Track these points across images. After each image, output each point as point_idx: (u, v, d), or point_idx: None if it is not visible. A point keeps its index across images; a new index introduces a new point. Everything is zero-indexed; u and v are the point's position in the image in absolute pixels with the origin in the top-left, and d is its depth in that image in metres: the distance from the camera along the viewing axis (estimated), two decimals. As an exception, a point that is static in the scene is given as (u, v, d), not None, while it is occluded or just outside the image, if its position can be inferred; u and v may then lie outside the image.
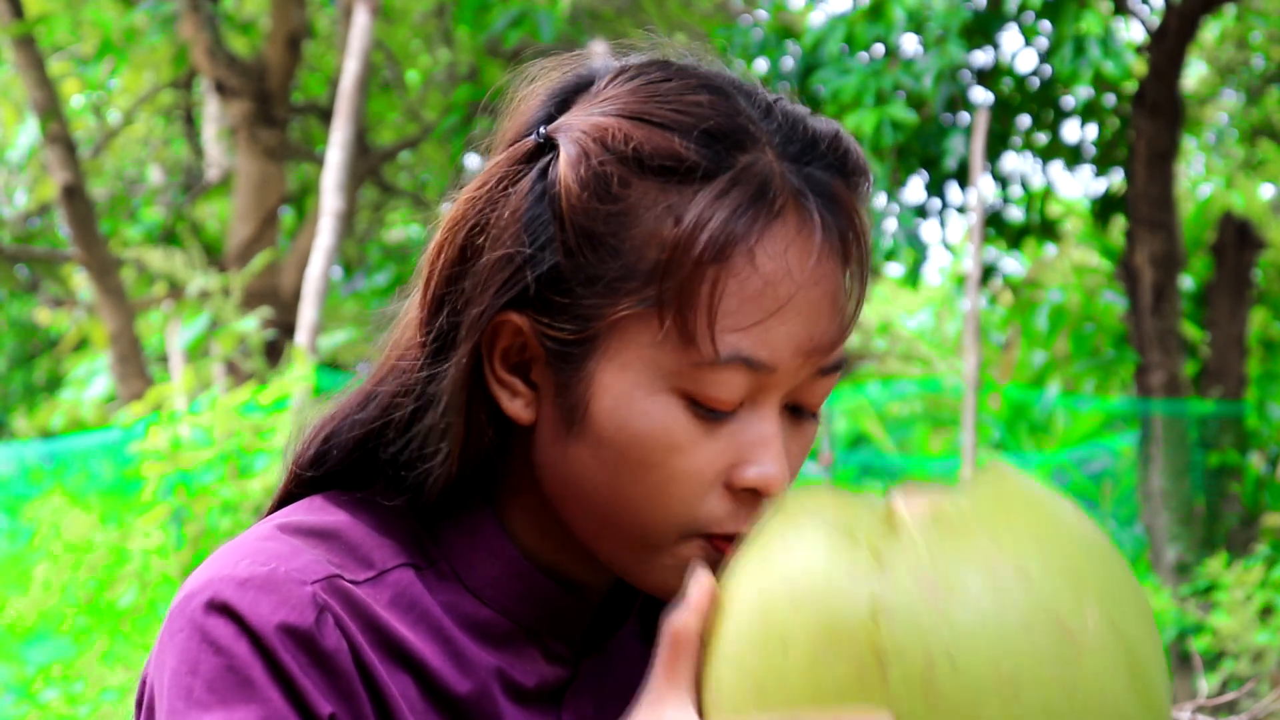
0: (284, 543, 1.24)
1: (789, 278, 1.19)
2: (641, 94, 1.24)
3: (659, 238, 1.19)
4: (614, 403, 1.20)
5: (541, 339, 1.22)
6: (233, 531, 5.92)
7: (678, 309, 1.18)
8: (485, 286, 1.22)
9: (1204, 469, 10.02)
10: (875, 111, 8.54)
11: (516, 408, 1.24)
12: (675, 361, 1.19)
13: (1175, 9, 9.55)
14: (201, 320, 9.91)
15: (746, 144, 1.21)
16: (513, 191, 1.23)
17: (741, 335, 1.19)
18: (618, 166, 1.20)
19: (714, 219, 1.19)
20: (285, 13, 12.01)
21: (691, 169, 1.20)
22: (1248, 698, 7.08)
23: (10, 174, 14.34)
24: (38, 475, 9.88)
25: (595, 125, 1.22)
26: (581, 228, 1.20)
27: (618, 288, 1.20)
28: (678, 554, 1.22)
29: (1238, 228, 10.45)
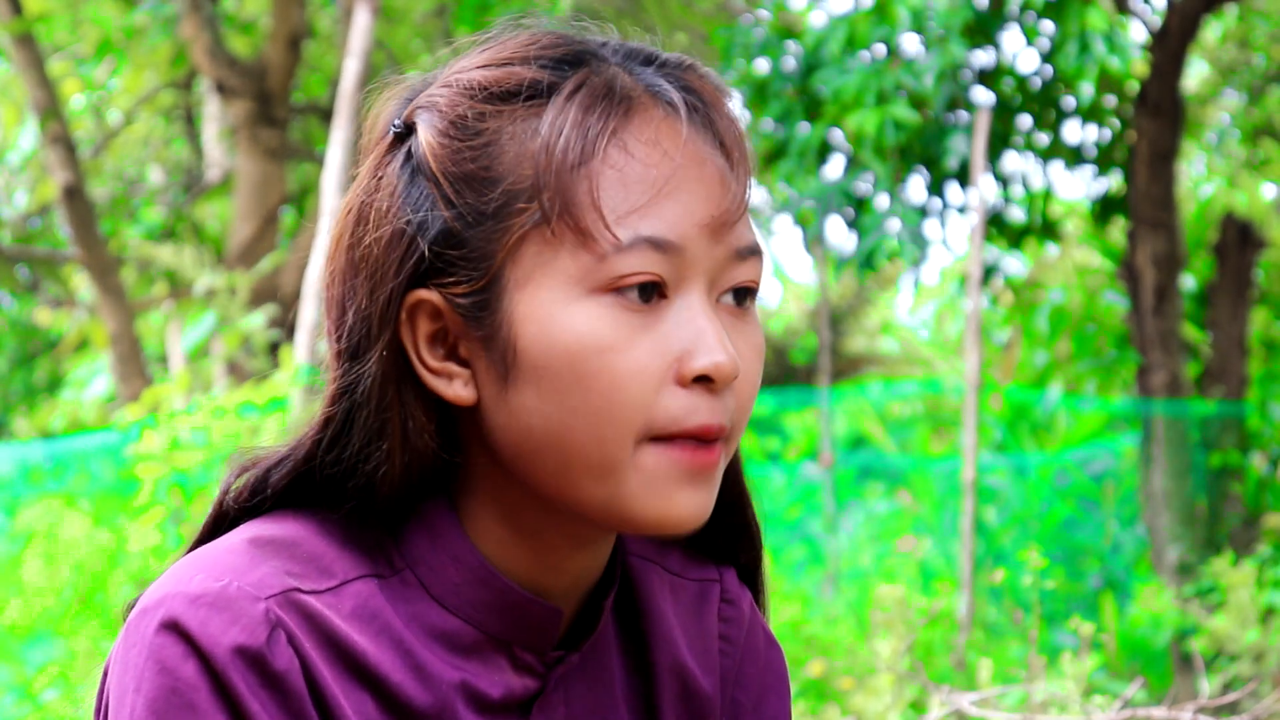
0: (242, 554, 1.22)
1: (665, 158, 1.22)
2: (484, 51, 1.29)
3: (528, 154, 1.22)
4: (538, 328, 1.20)
5: (454, 303, 1.22)
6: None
7: (564, 210, 1.20)
8: (383, 272, 1.22)
9: (1205, 470, 10.01)
10: (877, 111, 8.53)
11: (456, 390, 1.23)
12: (582, 263, 1.20)
13: (1177, 9, 9.54)
14: (208, 319, 9.90)
15: (588, 60, 1.27)
16: (383, 176, 1.25)
17: (636, 217, 1.20)
18: (470, 106, 1.24)
19: (570, 119, 1.22)
20: (286, 13, 12.00)
21: (538, 88, 1.24)
22: (1249, 698, 7.07)
23: (11, 174, 14.34)
24: (38, 476, 9.87)
25: (442, 88, 1.27)
26: (455, 174, 1.23)
27: (504, 215, 1.21)
28: (643, 467, 1.20)
29: (1239, 228, 10.44)
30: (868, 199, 8.93)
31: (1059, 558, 10.20)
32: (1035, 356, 13.19)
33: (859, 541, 11.07)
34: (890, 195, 8.83)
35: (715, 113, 1.27)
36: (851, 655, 6.26)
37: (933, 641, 7.00)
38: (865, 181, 8.93)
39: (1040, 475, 11.01)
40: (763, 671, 1.39)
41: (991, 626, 9.25)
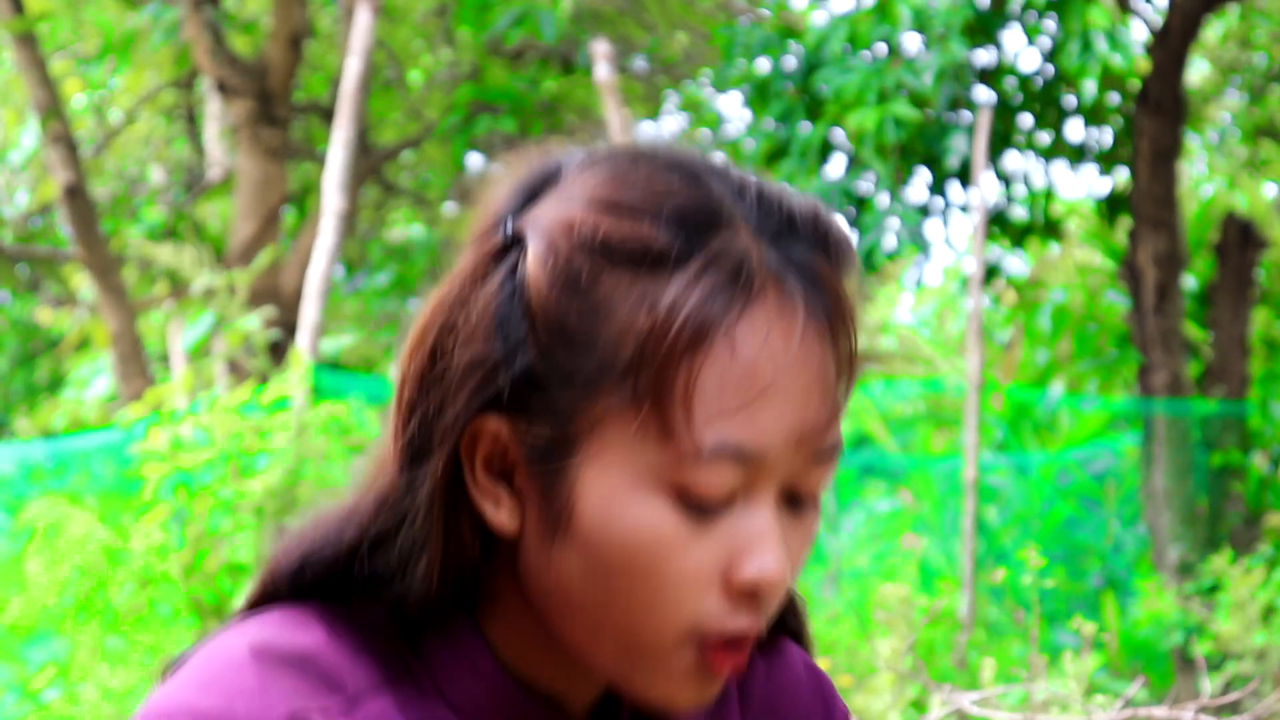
0: (251, 674, 1.17)
1: (772, 360, 1.14)
2: (608, 181, 1.18)
3: (633, 329, 1.14)
4: (599, 505, 1.14)
5: (521, 442, 1.16)
6: (233, 532, 5.90)
7: (654, 402, 1.13)
8: (458, 391, 1.17)
9: (1207, 469, 10.01)
10: (877, 109, 8.53)
11: (501, 517, 1.18)
12: (659, 458, 1.14)
13: (1178, 8, 9.53)
14: (206, 318, 9.90)
15: (720, 224, 1.16)
16: (481, 290, 1.18)
17: (726, 424, 1.13)
18: (586, 259, 1.15)
19: (687, 304, 1.13)
20: (287, 12, 12.00)
21: (662, 255, 1.15)
22: (1251, 698, 7.07)
23: (12, 173, 14.34)
24: (39, 475, 9.87)
25: (562, 217, 1.17)
26: (553, 325, 1.15)
27: (594, 385, 1.14)
28: (675, 661, 1.16)
29: (1241, 227, 10.44)
30: (869, 198, 8.93)
31: (1060, 557, 10.20)
32: (1037, 356, 13.19)
33: (860, 540, 11.07)
34: (891, 194, 8.83)
35: (834, 299, 1.18)
36: (852, 654, 6.26)
37: (934, 641, 7.00)
38: (866, 181, 8.93)
39: (1041, 474, 11.01)
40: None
41: (993, 626, 9.25)
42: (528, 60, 13.92)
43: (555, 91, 14.34)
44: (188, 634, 5.94)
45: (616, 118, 8.94)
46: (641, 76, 14.84)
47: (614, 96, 8.97)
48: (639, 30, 13.97)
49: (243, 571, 5.89)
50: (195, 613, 5.91)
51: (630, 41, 13.97)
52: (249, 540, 5.88)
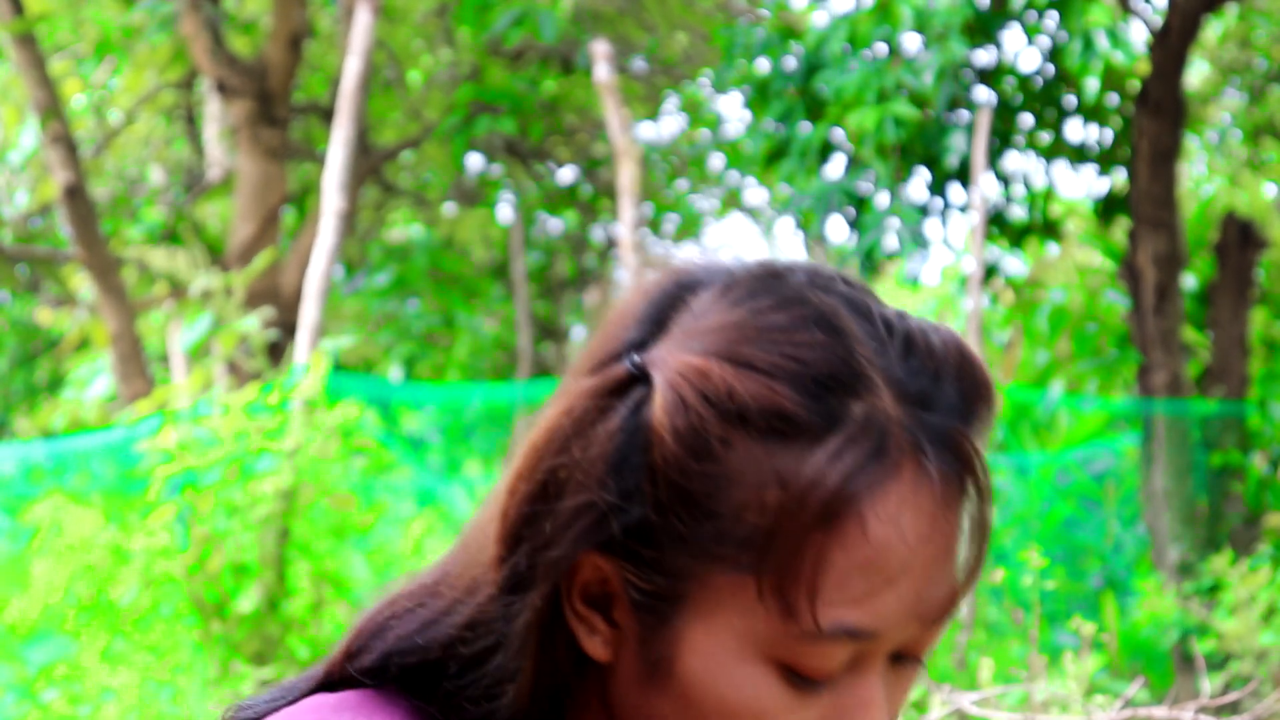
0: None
1: (902, 543, 1.09)
2: (747, 329, 1.10)
3: (760, 502, 1.08)
4: (702, 665, 1.11)
5: (626, 585, 1.12)
6: (237, 532, 5.90)
7: (777, 580, 1.08)
8: (566, 530, 1.11)
9: (1206, 469, 10.02)
10: (877, 109, 8.53)
11: (595, 645, 1.14)
12: (772, 631, 1.09)
13: (1178, 8, 9.54)
14: (204, 320, 9.91)
15: (861, 390, 1.09)
16: (600, 427, 1.11)
17: (847, 608, 1.09)
18: (719, 424, 1.08)
19: (824, 482, 1.07)
20: (287, 12, 12.01)
21: (801, 426, 1.08)
22: (1250, 698, 7.07)
23: (12, 174, 14.34)
24: (39, 475, 9.87)
25: (696, 369, 1.09)
26: (675, 485, 1.09)
27: (711, 551, 1.09)
28: None
29: (1240, 227, 10.45)
30: (868, 198, 8.93)
31: (1060, 557, 10.20)
32: (1036, 356, 13.19)
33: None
34: (891, 194, 8.84)
35: (969, 471, 1.11)
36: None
37: (934, 641, 7.00)
38: (866, 181, 8.93)
39: (1041, 474, 11.01)
40: None
41: (992, 626, 9.26)
42: (527, 61, 13.92)
43: (555, 92, 14.34)
44: (189, 634, 5.94)
45: (616, 118, 8.95)
46: (641, 77, 14.85)
47: (613, 97, 8.97)
48: (639, 31, 13.98)
49: (246, 572, 5.89)
50: (198, 613, 5.92)
51: (630, 42, 13.98)
52: (252, 541, 5.88)
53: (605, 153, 14.83)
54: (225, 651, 5.89)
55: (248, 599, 5.82)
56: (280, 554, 5.92)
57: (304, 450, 5.90)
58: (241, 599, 5.82)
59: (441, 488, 11.29)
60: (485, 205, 16.05)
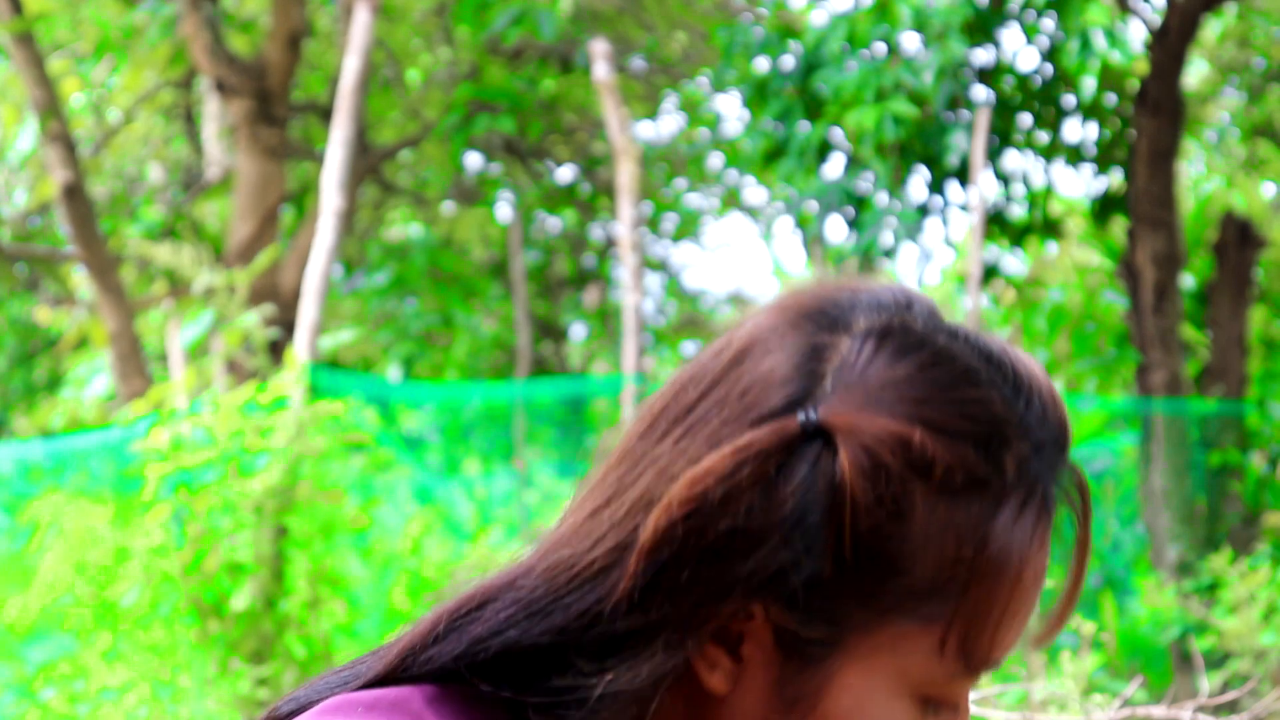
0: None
1: (1036, 583, 1.17)
2: (920, 385, 1.14)
3: (947, 556, 1.12)
4: (853, 704, 1.15)
5: (779, 633, 1.14)
6: (234, 530, 5.90)
7: (965, 628, 1.13)
8: (730, 577, 1.12)
9: (1205, 468, 10.01)
10: (876, 107, 8.53)
11: (715, 680, 1.16)
12: (936, 671, 1.14)
13: (1177, 7, 9.54)
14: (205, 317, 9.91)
15: (1014, 444, 1.14)
16: (777, 479, 1.12)
17: (1002, 648, 1.16)
18: (916, 485, 1.12)
19: (1006, 536, 1.13)
20: (286, 11, 12.00)
21: (985, 486, 1.13)
22: (1249, 696, 7.07)
23: (10, 173, 14.34)
24: (38, 474, 9.87)
25: (889, 431, 1.12)
26: (865, 544, 1.12)
27: (893, 605, 1.13)
28: None
29: (1239, 227, 10.45)
30: (868, 197, 8.93)
31: (1058, 556, 10.19)
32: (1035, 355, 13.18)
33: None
34: (890, 193, 8.84)
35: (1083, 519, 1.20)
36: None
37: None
38: (865, 180, 8.93)
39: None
40: None
41: (991, 625, 9.25)
42: (526, 59, 13.92)
43: (554, 91, 14.34)
44: (186, 633, 5.94)
45: (615, 117, 8.95)
46: (640, 76, 14.85)
47: (612, 96, 8.97)
48: (638, 30, 13.98)
49: (242, 570, 5.89)
50: (195, 612, 5.92)
51: (629, 41, 13.98)
52: (249, 539, 5.88)
53: (604, 152, 14.83)
54: (223, 650, 5.89)
55: (243, 597, 5.82)
56: (277, 552, 5.92)
57: (297, 448, 5.90)
58: (237, 597, 5.82)
59: (440, 487, 11.29)
60: (484, 204, 16.05)
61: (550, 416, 12.96)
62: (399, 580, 6.71)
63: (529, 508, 11.26)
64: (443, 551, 6.92)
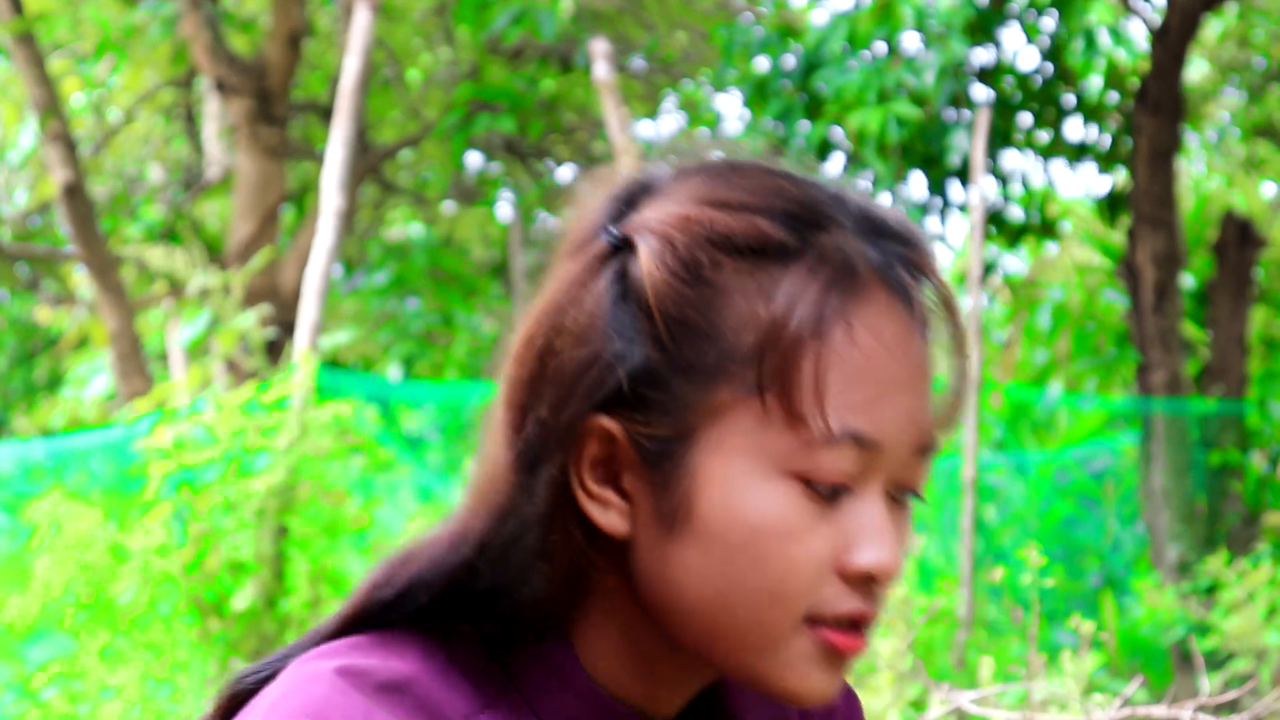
0: (349, 700, 1.15)
1: (888, 353, 1.18)
2: (715, 183, 1.22)
3: (755, 319, 1.17)
4: (723, 495, 1.17)
5: (635, 440, 1.18)
6: (235, 530, 5.91)
7: (782, 388, 1.16)
8: (571, 390, 1.18)
9: (1205, 468, 10.02)
10: (879, 109, 8.54)
11: (610, 519, 1.19)
12: (784, 443, 1.16)
13: (1177, 6, 9.54)
14: (202, 318, 9.91)
15: (825, 223, 1.20)
16: (588, 293, 1.19)
17: (850, 412, 1.17)
18: (705, 250, 1.18)
19: (808, 295, 1.17)
20: (286, 11, 12.00)
21: (779, 248, 1.18)
22: (1249, 696, 7.08)
23: (11, 172, 14.34)
24: (38, 474, 9.87)
25: (676, 215, 1.20)
26: (673, 317, 1.17)
27: (716, 374, 1.17)
28: (795, 647, 1.18)
29: (1239, 226, 10.45)
30: (868, 197, 8.94)
31: (1059, 556, 10.21)
32: (1035, 354, 13.20)
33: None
34: (891, 193, 8.84)
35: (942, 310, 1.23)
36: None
37: (933, 640, 7.01)
38: (866, 180, 8.93)
39: (1040, 473, 11.01)
40: None
41: (991, 625, 9.26)
42: (527, 59, 13.92)
43: (554, 90, 14.34)
44: (187, 632, 5.95)
45: (615, 117, 8.95)
46: (640, 75, 14.85)
47: (613, 95, 8.97)
48: (638, 29, 13.98)
49: (243, 570, 5.89)
50: (196, 611, 5.92)
51: (629, 40, 13.98)
52: (250, 539, 5.88)
53: (604, 151, 14.83)
54: (224, 649, 5.89)
55: (244, 597, 5.82)
56: (278, 552, 5.93)
57: (299, 447, 5.90)
58: (238, 597, 5.83)
59: (441, 486, 11.29)
60: (484, 204, 16.05)
61: (550, 416, 12.93)
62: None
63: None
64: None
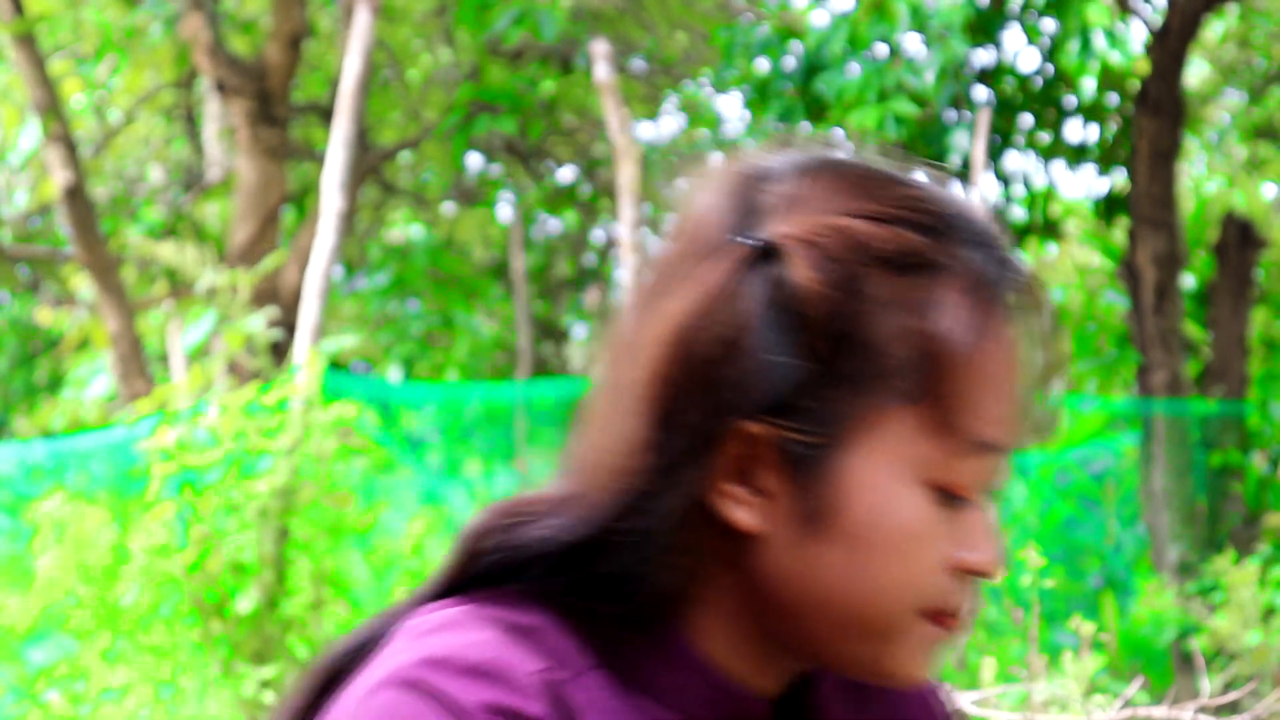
0: (492, 634, 1.20)
1: (1011, 365, 1.24)
2: (852, 190, 1.25)
3: (908, 332, 1.21)
4: (867, 500, 1.22)
5: (779, 443, 1.21)
6: (237, 531, 5.91)
7: (935, 400, 1.21)
8: (721, 396, 1.20)
9: (1206, 469, 10.02)
10: (878, 108, 8.54)
11: (743, 516, 1.22)
12: (929, 452, 1.22)
13: (1177, 8, 9.54)
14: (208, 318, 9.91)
15: (956, 235, 1.24)
16: (736, 299, 1.21)
17: (988, 424, 1.23)
18: (859, 263, 1.21)
19: (958, 311, 1.21)
20: (286, 12, 12.01)
21: (926, 262, 1.22)
22: (1250, 697, 7.08)
23: (11, 173, 14.35)
24: (39, 475, 9.87)
25: (826, 226, 1.22)
26: (827, 328, 1.20)
27: (867, 385, 1.21)
28: (910, 638, 1.25)
29: (1240, 227, 10.45)
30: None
31: (1059, 557, 10.21)
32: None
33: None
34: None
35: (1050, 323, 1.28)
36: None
37: (934, 640, 7.00)
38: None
39: (1041, 474, 11.01)
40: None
41: (992, 625, 9.26)
42: (527, 60, 13.92)
43: (554, 91, 14.34)
44: (189, 633, 5.94)
45: (615, 118, 8.95)
46: (641, 76, 14.85)
47: (613, 96, 8.98)
48: (638, 30, 13.98)
49: (245, 571, 5.89)
50: (197, 612, 5.92)
51: (630, 41, 13.98)
52: (252, 540, 5.88)
53: (605, 152, 14.83)
54: (226, 651, 5.89)
55: (246, 599, 5.82)
56: (280, 553, 5.93)
57: (302, 449, 5.90)
58: (240, 599, 5.82)
59: (442, 487, 11.29)
60: (485, 205, 16.05)
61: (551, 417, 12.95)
62: (400, 581, 6.71)
63: (530, 508, 11.25)
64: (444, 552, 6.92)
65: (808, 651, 1.27)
